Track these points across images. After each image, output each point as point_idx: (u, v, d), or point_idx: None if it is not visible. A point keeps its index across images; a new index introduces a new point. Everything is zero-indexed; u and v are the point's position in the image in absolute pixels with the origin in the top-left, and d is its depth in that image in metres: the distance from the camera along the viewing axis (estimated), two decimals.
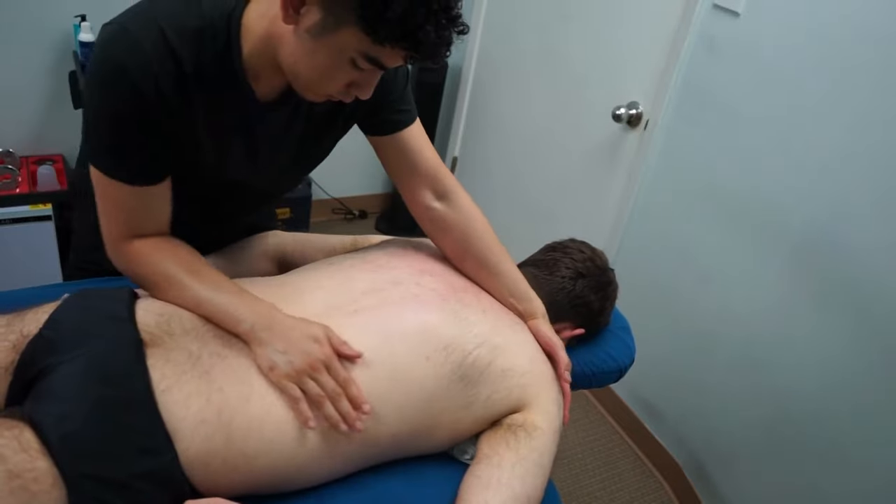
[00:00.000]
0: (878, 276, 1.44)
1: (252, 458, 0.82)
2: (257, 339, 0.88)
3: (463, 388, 0.95)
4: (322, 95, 0.89)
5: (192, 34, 0.85)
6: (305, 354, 0.86)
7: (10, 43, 2.11)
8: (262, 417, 0.83)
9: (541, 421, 0.98)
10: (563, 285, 1.17)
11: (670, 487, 2.04)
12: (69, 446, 0.75)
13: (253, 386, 0.84)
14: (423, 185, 1.10)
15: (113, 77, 0.83)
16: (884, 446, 1.45)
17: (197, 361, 0.84)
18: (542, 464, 0.94)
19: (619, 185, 2.10)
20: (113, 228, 0.94)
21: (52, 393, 0.79)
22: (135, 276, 0.96)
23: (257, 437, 0.82)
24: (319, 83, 0.86)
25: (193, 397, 0.81)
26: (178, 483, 0.79)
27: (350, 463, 0.91)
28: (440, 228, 1.12)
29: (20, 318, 0.88)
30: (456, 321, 0.99)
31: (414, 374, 0.92)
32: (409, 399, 0.91)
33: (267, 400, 0.84)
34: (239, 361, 0.86)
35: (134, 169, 0.90)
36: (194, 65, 0.86)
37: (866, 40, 1.42)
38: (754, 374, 1.75)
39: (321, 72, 0.84)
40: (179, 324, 0.89)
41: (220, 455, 0.81)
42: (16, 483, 0.71)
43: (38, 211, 2.13)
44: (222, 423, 0.81)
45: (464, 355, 0.95)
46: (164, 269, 0.93)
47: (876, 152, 1.43)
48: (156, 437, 0.78)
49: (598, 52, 2.13)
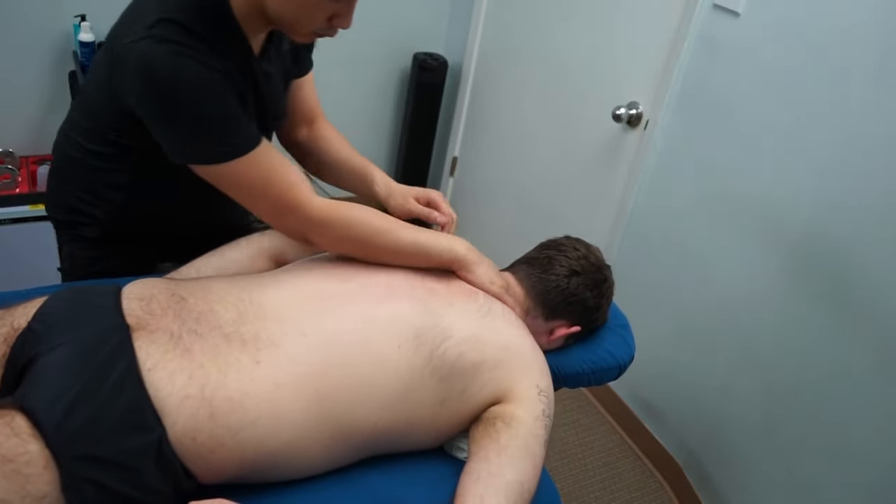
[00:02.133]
0: (878, 275, 1.44)
1: (236, 430, 0.84)
2: (473, 259, 1.09)
3: (437, 383, 0.96)
4: (309, 34, 1.00)
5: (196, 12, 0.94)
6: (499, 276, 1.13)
7: (10, 43, 2.11)
8: (242, 391, 0.85)
9: (518, 409, 0.98)
10: (558, 283, 1.17)
11: (670, 487, 2.04)
12: (59, 428, 0.76)
13: (229, 362, 0.86)
14: (300, 122, 1.30)
15: (186, 69, 0.90)
16: (884, 446, 1.45)
17: (178, 340, 0.86)
18: (529, 448, 0.94)
19: (619, 185, 2.10)
20: (292, 194, 1.00)
21: (42, 378, 0.80)
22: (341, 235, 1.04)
23: (239, 411, 0.84)
24: (305, 21, 0.97)
25: (177, 374, 0.83)
26: (169, 459, 0.80)
27: (336, 451, 0.92)
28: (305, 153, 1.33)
29: (10, 313, 0.90)
30: (425, 311, 1.00)
31: (387, 361, 0.94)
32: (384, 387, 0.93)
33: (245, 375, 0.86)
34: (214, 339, 0.88)
35: (254, 131, 0.99)
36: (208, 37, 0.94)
37: (866, 40, 1.42)
38: (754, 374, 1.75)
39: (304, 9, 0.95)
40: (158, 304, 0.91)
41: (206, 429, 0.82)
42: (9, 467, 0.72)
43: (38, 211, 2.12)
44: (205, 398, 0.83)
45: (433, 347, 0.96)
46: (370, 221, 1.04)
47: (875, 152, 1.43)
48: (144, 414, 0.80)
49: (597, 52, 2.13)
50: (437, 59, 2.75)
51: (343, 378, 0.91)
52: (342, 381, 0.91)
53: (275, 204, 1.01)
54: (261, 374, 0.87)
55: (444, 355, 0.97)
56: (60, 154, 1.22)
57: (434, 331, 0.98)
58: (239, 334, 0.90)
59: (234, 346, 0.88)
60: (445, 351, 0.97)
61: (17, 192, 2.12)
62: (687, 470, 2.00)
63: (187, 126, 0.95)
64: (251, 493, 0.88)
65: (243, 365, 0.87)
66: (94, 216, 1.20)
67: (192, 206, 1.22)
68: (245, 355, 0.88)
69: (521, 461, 0.92)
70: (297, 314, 0.94)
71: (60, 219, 1.25)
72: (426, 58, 2.74)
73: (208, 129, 0.95)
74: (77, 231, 1.23)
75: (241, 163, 0.96)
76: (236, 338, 0.89)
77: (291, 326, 0.92)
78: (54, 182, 1.25)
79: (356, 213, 1.04)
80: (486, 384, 0.99)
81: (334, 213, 1.03)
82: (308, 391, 0.88)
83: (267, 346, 0.89)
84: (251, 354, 0.88)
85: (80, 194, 1.20)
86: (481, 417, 0.99)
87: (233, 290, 0.97)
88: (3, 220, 2.09)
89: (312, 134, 1.32)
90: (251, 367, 0.87)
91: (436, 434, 1.00)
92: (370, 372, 0.93)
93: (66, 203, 1.22)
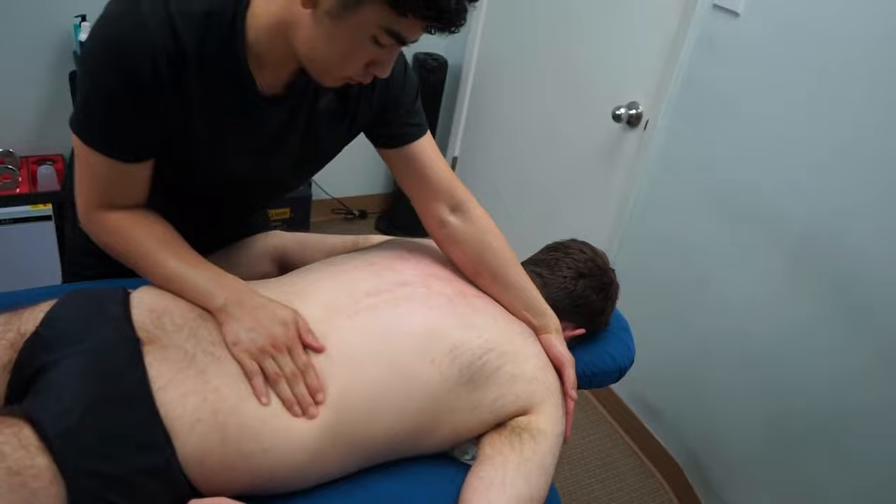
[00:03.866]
0: (878, 274, 1.44)
1: (248, 456, 0.82)
2: (228, 314, 0.90)
3: (469, 392, 0.95)
4: (341, 78, 0.88)
5: (198, 18, 0.84)
6: (270, 334, 0.88)
7: (10, 43, 2.11)
8: (258, 419, 0.83)
9: (545, 424, 0.98)
10: (565, 285, 1.18)
11: (670, 487, 2.04)
12: (68, 443, 0.75)
13: (248, 388, 0.85)
14: (435, 199, 1.09)
15: (114, 51, 0.82)
16: (884, 445, 1.45)
17: (192, 360, 0.84)
18: (546, 466, 0.94)
19: (619, 185, 2.10)
20: (87, 196, 0.94)
21: (51, 390, 0.79)
22: (106, 245, 0.96)
23: (253, 438, 0.82)
24: (339, 65, 0.85)
25: (190, 396, 0.81)
26: (176, 480, 0.79)
27: (348, 462, 0.91)
28: (454, 242, 1.10)
29: (17, 317, 0.88)
30: (464, 325, 0.99)
31: (417, 375, 0.92)
32: (410, 399, 0.91)
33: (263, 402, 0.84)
34: (233, 362, 0.86)
35: (118, 145, 0.89)
36: (197, 50, 0.85)
37: (866, 40, 1.42)
38: (754, 374, 1.75)
39: (341, 53, 0.83)
40: (170, 320, 0.89)
41: (217, 453, 0.81)
42: (15, 480, 0.71)
43: (38, 211, 2.13)
44: (218, 423, 0.81)
45: (472, 359, 0.96)
46: (138, 242, 0.93)
47: (875, 151, 1.43)
48: (154, 434, 0.78)
49: (598, 52, 2.13)
50: (437, 59, 2.75)
51: (365, 394, 0.89)
52: (364, 399, 0.89)
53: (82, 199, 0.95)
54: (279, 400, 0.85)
55: (483, 367, 0.96)
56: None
57: (473, 343, 0.97)
58: None
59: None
60: (486, 363, 0.97)
61: (17, 192, 2.12)
62: (687, 470, 2.00)
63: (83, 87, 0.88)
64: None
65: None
66: None
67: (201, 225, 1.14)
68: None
69: (537, 478, 0.91)
70: (326, 334, 0.92)
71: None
72: (426, 58, 2.74)
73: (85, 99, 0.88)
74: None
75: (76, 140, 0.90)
76: None
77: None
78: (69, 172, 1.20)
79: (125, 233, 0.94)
80: (519, 395, 0.99)
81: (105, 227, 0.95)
82: (328, 415, 0.87)
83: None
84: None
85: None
86: (504, 424, 0.99)
87: None
88: (3, 220, 2.09)
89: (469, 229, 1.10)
90: (270, 395, 0.85)
91: (453, 440, 0.99)
92: (397, 386, 0.91)
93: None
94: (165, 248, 0.94)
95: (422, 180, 1.08)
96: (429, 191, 1.09)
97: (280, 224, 2.60)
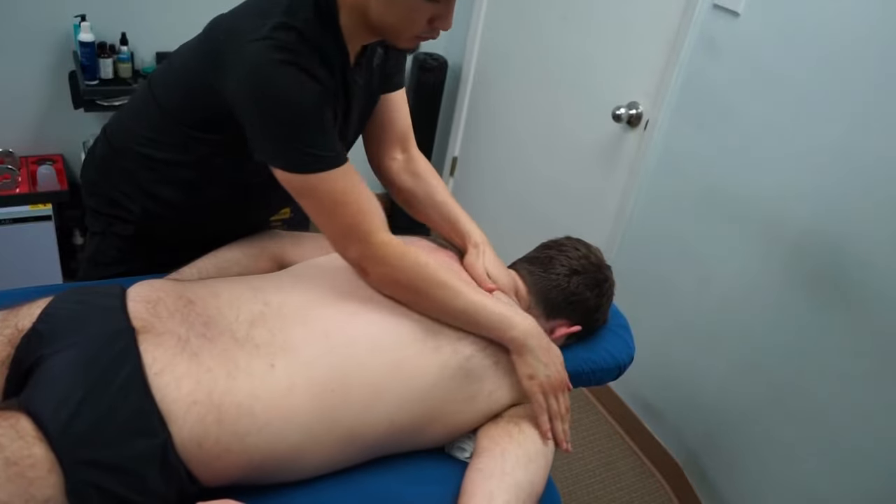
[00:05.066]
0: (878, 274, 1.44)
1: (244, 436, 0.83)
2: (526, 346, 0.98)
3: (468, 384, 0.97)
4: (412, 39, 0.99)
5: (311, 20, 0.95)
6: (558, 373, 0.99)
7: (10, 43, 2.11)
8: (252, 396, 0.84)
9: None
10: (559, 282, 1.18)
11: (670, 487, 2.04)
12: (65, 432, 0.75)
13: (239, 366, 0.86)
14: (393, 142, 1.23)
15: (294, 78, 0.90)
16: (884, 445, 1.45)
17: (186, 344, 0.86)
18: (545, 453, 0.96)
19: (619, 185, 2.10)
20: (369, 226, 0.97)
21: (47, 381, 0.80)
22: (394, 277, 0.98)
23: (248, 416, 0.83)
24: (407, 26, 0.96)
25: (184, 379, 0.82)
26: (173, 464, 0.79)
27: (346, 449, 0.92)
28: (401, 173, 1.25)
29: (15, 314, 0.89)
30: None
31: (421, 364, 0.94)
32: (411, 389, 0.93)
33: (256, 379, 0.85)
34: (224, 343, 0.88)
35: (340, 149, 0.98)
36: (320, 48, 0.95)
37: (866, 40, 1.42)
38: (754, 374, 1.75)
39: (405, 14, 0.94)
40: (164, 307, 0.90)
41: (213, 435, 0.82)
42: (13, 470, 0.72)
43: (38, 211, 2.13)
44: (213, 404, 0.82)
45: (474, 351, 0.98)
46: (433, 272, 0.98)
47: (875, 152, 1.43)
48: (149, 419, 0.79)
49: (598, 52, 2.13)
50: (436, 59, 2.75)
51: (364, 378, 0.90)
52: (362, 383, 0.90)
53: (341, 226, 0.98)
54: (274, 377, 0.86)
55: (483, 360, 0.99)
56: (110, 144, 1.20)
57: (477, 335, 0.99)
58: (251, 338, 0.89)
59: (246, 350, 0.88)
60: (487, 356, 0.99)
61: (17, 192, 2.12)
62: (687, 470, 2.00)
63: (280, 130, 0.93)
64: (252, 493, 0.87)
65: (254, 369, 0.86)
66: (132, 212, 1.18)
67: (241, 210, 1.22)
68: (257, 359, 0.87)
69: (536, 466, 0.93)
70: (321, 315, 0.94)
71: (96, 209, 1.23)
72: (426, 58, 2.74)
73: (298, 138, 0.93)
74: (110, 226, 1.21)
75: (320, 177, 0.94)
76: (248, 342, 0.89)
77: (314, 328, 0.92)
78: (97, 172, 1.23)
79: (415, 259, 0.98)
80: (514, 385, 1.01)
81: (392, 253, 0.97)
82: (322, 394, 0.88)
83: (283, 350, 0.89)
84: (265, 358, 0.87)
85: (125, 188, 1.18)
86: (501, 415, 1.01)
87: (245, 292, 0.97)
88: (3, 220, 2.10)
89: (408, 167, 1.25)
90: (264, 371, 0.86)
91: (450, 433, 1.01)
92: (396, 374, 0.92)
93: (107, 195, 1.20)
94: (458, 279, 1.01)
95: (389, 123, 1.22)
96: (392, 132, 1.23)
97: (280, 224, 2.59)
